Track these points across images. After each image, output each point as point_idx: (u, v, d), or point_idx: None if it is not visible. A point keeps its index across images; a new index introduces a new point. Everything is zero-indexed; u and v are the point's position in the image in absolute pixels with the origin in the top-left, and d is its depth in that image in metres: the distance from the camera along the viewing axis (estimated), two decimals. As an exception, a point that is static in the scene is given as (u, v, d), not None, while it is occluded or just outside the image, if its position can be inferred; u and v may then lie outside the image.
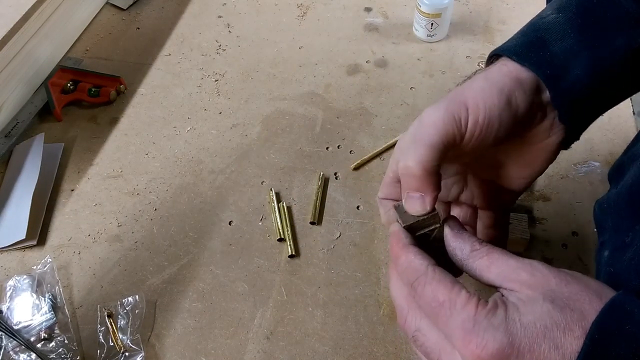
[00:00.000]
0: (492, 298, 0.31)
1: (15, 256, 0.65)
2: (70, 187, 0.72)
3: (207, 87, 0.86)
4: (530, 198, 0.68)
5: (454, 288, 0.31)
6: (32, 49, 0.82)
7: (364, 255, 0.63)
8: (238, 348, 0.56)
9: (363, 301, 0.59)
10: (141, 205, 0.70)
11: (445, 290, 0.31)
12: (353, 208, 0.68)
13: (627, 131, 0.75)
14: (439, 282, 0.32)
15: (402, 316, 0.35)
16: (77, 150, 0.77)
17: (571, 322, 0.28)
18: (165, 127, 0.80)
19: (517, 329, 0.28)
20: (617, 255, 0.41)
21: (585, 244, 0.63)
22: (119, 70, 0.88)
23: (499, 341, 0.28)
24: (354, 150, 0.75)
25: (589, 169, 0.71)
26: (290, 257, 0.63)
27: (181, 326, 0.58)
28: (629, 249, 0.39)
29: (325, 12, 0.99)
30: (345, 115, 0.80)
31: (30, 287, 0.61)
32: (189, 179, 0.73)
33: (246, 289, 0.61)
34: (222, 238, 0.66)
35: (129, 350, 0.56)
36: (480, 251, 0.34)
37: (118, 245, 0.66)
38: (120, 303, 0.59)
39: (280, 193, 0.70)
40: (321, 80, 0.86)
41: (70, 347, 0.56)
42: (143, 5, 1.03)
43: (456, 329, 0.30)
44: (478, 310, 0.30)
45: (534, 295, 0.30)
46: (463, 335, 0.29)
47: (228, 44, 0.93)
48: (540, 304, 0.29)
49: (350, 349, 0.56)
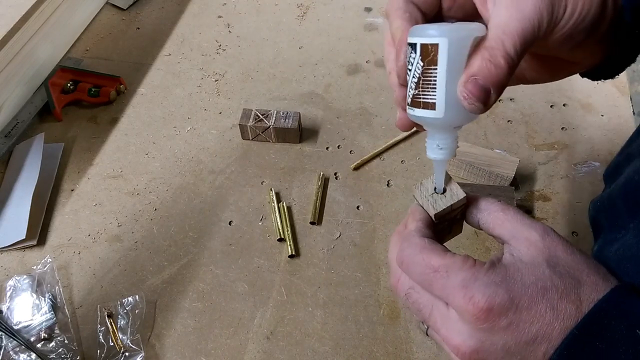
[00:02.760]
0: (489, 260, 0.32)
1: (15, 256, 0.65)
2: (70, 187, 0.72)
3: (207, 87, 0.86)
4: (530, 198, 0.68)
5: (446, 254, 0.32)
6: (32, 49, 0.82)
7: (364, 255, 0.63)
8: (238, 348, 0.56)
9: (363, 301, 0.59)
10: (141, 205, 0.70)
11: (438, 257, 0.32)
12: (353, 208, 0.68)
13: (627, 131, 0.75)
14: (431, 251, 0.32)
15: (395, 276, 0.36)
16: (77, 150, 0.77)
17: (569, 287, 0.30)
18: (165, 127, 0.80)
19: (518, 287, 0.30)
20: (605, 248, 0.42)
21: (585, 244, 0.63)
22: (119, 70, 0.88)
23: (500, 296, 0.29)
24: (354, 150, 0.75)
25: (589, 169, 0.71)
26: (290, 257, 0.63)
27: (181, 326, 0.58)
28: (617, 243, 0.40)
29: (325, 12, 0.99)
30: (345, 115, 0.80)
31: (30, 287, 0.61)
32: (189, 179, 0.73)
33: (246, 289, 0.61)
34: (222, 238, 0.66)
35: (129, 350, 0.56)
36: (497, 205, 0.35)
37: (118, 245, 0.66)
38: (120, 303, 0.59)
39: (280, 193, 0.70)
40: (321, 80, 0.86)
41: (70, 347, 0.56)
42: (143, 5, 1.02)
43: (455, 288, 0.30)
44: (477, 268, 0.31)
45: (537, 258, 0.31)
46: (464, 292, 0.30)
47: (228, 44, 0.93)
48: (543, 267, 0.30)
49: (350, 349, 0.56)
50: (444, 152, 0.35)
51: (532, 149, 0.74)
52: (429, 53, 0.31)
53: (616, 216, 0.43)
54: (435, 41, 0.31)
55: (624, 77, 0.82)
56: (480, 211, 0.36)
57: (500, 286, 0.30)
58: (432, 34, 0.31)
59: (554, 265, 0.31)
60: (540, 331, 0.29)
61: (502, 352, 0.30)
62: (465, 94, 0.31)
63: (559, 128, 0.76)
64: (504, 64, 0.30)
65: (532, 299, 0.29)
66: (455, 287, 0.30)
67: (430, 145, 0.35)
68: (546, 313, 0.29)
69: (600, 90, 0.80)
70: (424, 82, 0.32)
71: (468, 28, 0.31)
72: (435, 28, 0.31)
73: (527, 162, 0.72)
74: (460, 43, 0.31)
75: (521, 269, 0.31)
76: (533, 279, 0.30)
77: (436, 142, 0.35)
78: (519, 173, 0.68)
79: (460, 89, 0.31)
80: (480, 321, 0.29)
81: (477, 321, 0.30)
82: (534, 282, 0.30)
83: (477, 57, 0.30)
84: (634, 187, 0.42)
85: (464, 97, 0.31)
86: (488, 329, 0.30)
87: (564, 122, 0.77)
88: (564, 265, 0.31)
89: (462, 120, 0.33)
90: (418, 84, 0.33)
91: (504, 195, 0.64)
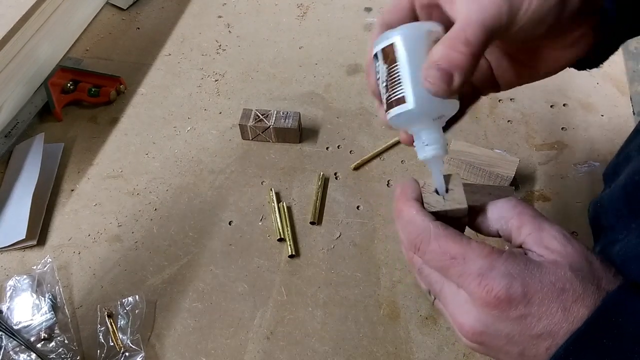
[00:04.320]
0: (509, 250, 0.32)
1: (15, 256, 0.65)
2: (70, 187, 0.72)
3: (207, 87, 0.86)
4: (531, 198, 0.68)
5: (462, 240, 0.32)
6: (32, 49, 0.82)
7: (364, 255, 0.63)
8: (238, 348, 0.56)
9: (363, 301, 0.59)
10: (141, 205, 0.70)
11: (455, 244, 0.32)
12: (353, 208, 0.68)
13: (627, 131, 0.74)
14: (446, 238, 0.32)
15: (409, 254, 0.36)
16: (77, 150, 0.77)
17: (588, 292, 0.30)
18: (165, 127, 0.80)
19: (535, 282, 0.30)
20: (607, 249, 0.42)
21: (585, 243, 0.63)
22: (119, 70, 0.88)
23: (514, 288, 0.30)
24: (354, 150, 0.75)
25: (589, 169, 0.71)
26: (290, 257, 0.63)
27: (181, 326, 0.58)
28: (619, 243, 0.40)
29: (325, 12, 0.99)
30: (345, 115, 0.80)
31: (30, 287, 0.61)
32: (189, 179, 0.73)
33: (246, 289, 0.61)
34: (222, 238, 0.66)
35: (129, 350, 0.56)
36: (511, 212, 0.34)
37: (118, 245, 0.66)
38: (120, 303, 0.59)
39: (280, 193, 0.70)
40: (321, 80, 0.86)
41: (70, 347, 0.56)
42: (143, 5, 1.02)
43: (471, 275, 0.31)
44: (494, 257, 0.31)
45: (561, 261, 0.31)
46: (479, 280, 0.30)
47: (228, 44, 0.93)
48: (565, 270, 0.31)
49: (350, 349, 0.56)
50: (432, 149, 0.35)
51: (532, 149, 0.74)
52: (389, 54, 0.34)
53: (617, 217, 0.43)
54: (391, 41, 0.33)
55: (624, 77, 0.82)
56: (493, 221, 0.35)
57: (516, 279, 0.30)
58: (385, 36, 0.34)
59: (577, 270, 0.31)
60: (547, 328, 0.30)
61: (505, 339, 0.31)
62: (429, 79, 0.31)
63: (559, 128, 0.76)
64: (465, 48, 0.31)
65: (546, 297, 0.30)
66: (471, 275, 0.31)
67: (418, 147, 0.36)
68: (557, 312, 0.30)
69: (600, 90, 0.80)
70: (391, 82, 0.34)
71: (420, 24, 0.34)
72: (389, 31, 0.34)
73: (527, 162, 0.72)
74: (413, 35, 0.33)
75: (543, 267, 0.31)
76: (553, 279, 0.30)
77: (422, 140, 0.35)
78: (519, 173, 0.68)
79: (423, 74, 0.32)
80: (491, 307, 0.30)
81: (487, 307, 0.30)
82: (553, 282, 0.30)
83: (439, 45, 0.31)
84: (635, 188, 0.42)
85: (427, 82, 0.32)
86: (496, 315, 0.30)
87: (564, 122, 0.77)
88: (585, 271, 0.31)
89: (436, 108, 0.34)
90: (387, 87, 0.34)
91: (504, 195, 0.64)
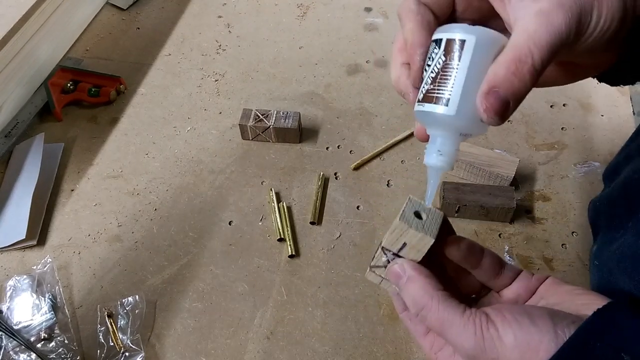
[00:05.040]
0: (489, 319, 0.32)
1: (15, 256, 0.65)
2: (70, 187, 0.72)
3: (207, 87, 0.86)
4: (530, 198, 0.68)
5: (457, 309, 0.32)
6: (32, 49, 0.82)
7: (364, 255, 0.63)
8: (238, 348, 0.56)
9: (363, 301, 0.59)
10: (141, 205, 0.70)
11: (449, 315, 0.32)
12: (353, 208, 0.68)
13: (627, 131, 0.74)
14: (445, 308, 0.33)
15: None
16: (77, 150, 0.77)
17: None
18: (165, 127, 0.80)
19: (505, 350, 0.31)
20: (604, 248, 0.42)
21: (585, 243, 0.63)
22: (119, 70, 0.88)
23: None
24: (354, 150, 0.75)
25: (589, 169, 0.71)
26: (290, 257, 0.63)
27: (181, 326, 0.58)
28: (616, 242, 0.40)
29: (325, 12, 0.99)
30: (345, 115, 0.80)
31: (30, 287, 0.61)
32: (189, 179, 0.73)
33: (246, 289, 0.61)
34: (222, 238, 0.66)
35: (129, 350, 0.56)
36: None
37: (118, 245, 0.66)
38: (120, 303, 0.59)
39: (280, 193, 0.70)
40: (321, 80, 0.86)
41: (70, 347, 0.56)
42: (143, 5, 1.03)
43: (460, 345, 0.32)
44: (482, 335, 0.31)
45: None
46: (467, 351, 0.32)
47: (228, 44, 0.93)
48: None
49: (350, 349, 0.56)
50: (443, 160, 0.33)
51: (532, 149, 0.74)
52: (453, 49, 0.31)
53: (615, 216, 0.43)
54: (463, 37, 0.31)
55: (624, 77, 0.82)
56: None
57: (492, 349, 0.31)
58: (460, 30, 0.31)
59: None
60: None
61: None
62: (485, 106, 0.29)
63: (559, 128, 0.76)
64: (529, 77, 0.29)
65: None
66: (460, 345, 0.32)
67: (429, 151, 0.34)
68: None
69: (600, 90, 0.80)
70: (442, 77, 0.31)
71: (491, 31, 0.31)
72: (464, 26, 0.31)
73: (527, 162, 0.72)
74: (487, 44, 0.30)
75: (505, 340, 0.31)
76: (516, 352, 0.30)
77: (437, 147, 0.33)
78: (519, 173, 0.68)
79: (480, 99, 0.30)
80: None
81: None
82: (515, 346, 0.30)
83: (502, 66, 0.29)
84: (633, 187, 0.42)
85: (483, 109, 0.29)
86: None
87: (564, 122, 0.77)
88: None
89: (470, 127, 0.32)
90: (435, 79, 0.32)
91: (504, 195, 0.64)
